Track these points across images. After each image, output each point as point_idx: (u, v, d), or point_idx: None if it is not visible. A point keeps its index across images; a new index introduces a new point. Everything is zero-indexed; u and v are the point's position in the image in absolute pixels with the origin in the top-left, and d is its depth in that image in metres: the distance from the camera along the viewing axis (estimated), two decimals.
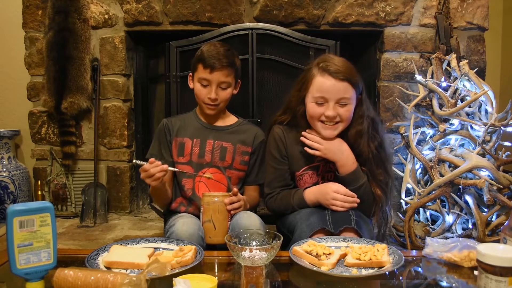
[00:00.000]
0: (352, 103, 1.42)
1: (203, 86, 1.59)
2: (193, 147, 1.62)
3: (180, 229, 1.36)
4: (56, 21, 2.22)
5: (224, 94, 1.59)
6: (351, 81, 1.39)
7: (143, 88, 2.52)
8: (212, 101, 1.58)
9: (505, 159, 1.82)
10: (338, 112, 1.40)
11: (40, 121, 2.37)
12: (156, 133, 1.70)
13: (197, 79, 1.60)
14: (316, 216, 1.37)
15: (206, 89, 1.58)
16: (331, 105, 1.39)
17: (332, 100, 1.39)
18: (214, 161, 1.62)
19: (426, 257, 1.18)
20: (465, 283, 1.07)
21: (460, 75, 1.99)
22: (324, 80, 1.39)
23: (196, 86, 1.61)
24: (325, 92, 1.39)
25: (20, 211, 0.91)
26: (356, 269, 1.08)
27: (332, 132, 1.43)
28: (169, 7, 2.25)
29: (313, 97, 1.42)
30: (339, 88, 1.38)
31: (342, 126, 1.43)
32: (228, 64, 1.56)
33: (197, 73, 1.60)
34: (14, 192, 2.42)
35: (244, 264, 1.11)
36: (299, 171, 1.54)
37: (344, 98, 1.39)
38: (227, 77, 1.58)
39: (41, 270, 0.94)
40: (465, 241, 1.14)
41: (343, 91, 1.38)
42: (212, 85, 1.57)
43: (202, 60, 1.57)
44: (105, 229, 2.16)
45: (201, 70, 1.57)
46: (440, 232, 1.85)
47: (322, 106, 1.41)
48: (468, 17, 2.24)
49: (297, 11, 2.22)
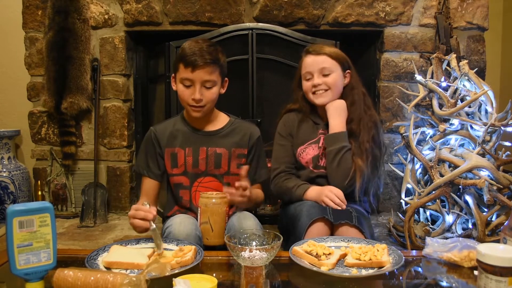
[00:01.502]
0: (336, 72, 1.59)
1: (186, 86, 1.46)
2: (186, 157, 1.53)
3: (177, 229, 1.33)
4: (56, 21, 2.23)
5: (209, 94, 1.47)
6: (331, 55, 1.60)
7: (143, 88, 2.52)
8: (197, 102, 1.45)
9: (505, 159, 1.82)
10: (323, 80, 1.58)
11: (40, 121, 2.37)
12: (143, 143, 1.59)
13: (179, 80, 1.48)
14: (317, 209, 1.44)
15: (190, 90, 1.46)
16: (315, 76, 1.59)
17: (316, 72, 1.59)
18: (209, 170, 1.53)
19: (426, 257, 1.18)
20: (465, 283, 1.07)
21: (460, 75, 1.99)
22: (307, 59, 1.62)
23: (179, 88, 1.49)
24: (308, 67, 1.61)
25: (20, 211, 0.91)
26: (356, 269, 1.08)
27: (323, 99, 1.60)
28: (169, 7, 2.25)
29: (303, 76, 1.63)
30: (318, 60, 1.59)
31: (331, 93, 1.59)
32: (211, 61, 1.43)
33: (179, 73, 1.48)
34: (14, 192, 2.42)
35: (244, 264, 1.11)
36: (303, 145, 1.63)
37: (325, 68, 1.58)
38: (211, 75, 1.45)
39: (41, 270, 0.94)
40: (465, 241, 1.14)
41: (322, 62, 1.59)
42: (195, 84, 1.45)
43: (183, 58, 1.44)
44: (105, 229, 2.16)
45: (183, 69, 1.45)
46: (440, 232, 1.85)
47: (310, 80, 1.61)
48: (468, 17, 2.24)
49: (297, 11, 2.22)
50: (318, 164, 1.60)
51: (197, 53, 1.43)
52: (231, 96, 1.65)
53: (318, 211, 1.41)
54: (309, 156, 1.61)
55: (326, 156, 1.56)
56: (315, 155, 1.60)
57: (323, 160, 1.59)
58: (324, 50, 1.60)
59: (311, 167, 1.60)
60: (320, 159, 1.60)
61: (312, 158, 1.60)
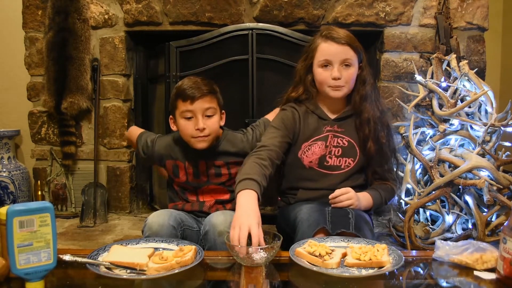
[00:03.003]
0: (355, 66, 1.52)
1: (187, 119, 1.48)
2: (187, 169, 1.57)
3: (150, 220, 1.40)
4: (56, 21, 2.23)
5: (211, 122, 1.48)
6: (352, 45, 1.51)
7: (143, 88, 2.52)
8: (201, 131, 1.46)
9: (505, 159, 1.82)
10: (342, 74, 1.50)
11: (40, 121, 2.37)
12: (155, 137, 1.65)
13: (179, 115, 1.49)
14: (317, 215, 1.37)
15: (192, 121, 1.47)
16: (336, 67, 1.50)
17: (336, 62, 1.50)
18: (210, 180, 1.58)
19: (436, 259, 1.16)
20: (476, 284, 1.06)
21: (460, 75, 1.99)
22: (327, 45, 1.51)
23: (181, 123, 1.49)
24: (329, 55, 1.50)
25: (20, 211, 0.91)
26: (356, 269, 1.08)
27: (338, 93, 1.52)
28: (169, 7, 2.25)
29: (319, 62, 1.52)
30: (341, 50, 1.49)
31: (346, 89, 1.53)
32: (208, 91, 1.48)
33: (178, 109, 1.49)
34: (14, 192, 2.42)
35: (244, 264, 1.11)
36: (308, 141, 1.56)
37: (347, 59, 1.50)
38: (211, 103, 1.48)
39: (41, 270, 0.94)
40: (477, 244, 1.13)
41: (345, 53, 1.50)
42: (197, 114, 1.46)
43: (181, 94, 1.47)
44: (105, 229, 2.16)
45: (182, 104, 1.47)
46: (440, 232, 1.84)
47: (328, 69, 1.51)
48: (468, 17, 2.24)
49: (297, 11, 2.23)
50: (325, 164, 1.55)
51: (193, 86, 1.47)
52: (231, 96, 1.65)
53: (318, 218, 1.35)
54: (315, 156, 1.55)
55: None
56: (322, 155, 1.55)
57: (332, 159, 1.56)
58: (346, 39, 1.50)
59: (316, 167, 1.56)
60: (329, 158, 1.55)
61: (319, 158, 1.55)
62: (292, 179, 1.61)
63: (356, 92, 1.55)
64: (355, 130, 1.57)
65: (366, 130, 1.54)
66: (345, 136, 1.57)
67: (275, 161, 1.46)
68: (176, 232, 1.40)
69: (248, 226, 1.14)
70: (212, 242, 1.38)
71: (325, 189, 1.53)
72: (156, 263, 1.06)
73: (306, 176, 1.57)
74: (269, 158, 1.42)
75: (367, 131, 1.54)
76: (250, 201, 1.23)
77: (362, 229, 1.34)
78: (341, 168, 1.56)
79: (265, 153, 1.43)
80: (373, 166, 1.59)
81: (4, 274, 0.98)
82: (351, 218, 1.36)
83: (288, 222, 1.49)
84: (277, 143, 1.50)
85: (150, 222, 1.40)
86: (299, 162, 1.57)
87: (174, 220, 1.42)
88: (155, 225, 1.37)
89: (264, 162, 1.40)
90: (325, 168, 1.56)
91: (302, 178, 1.58)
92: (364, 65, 1.57)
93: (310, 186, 1.57)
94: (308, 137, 1.57)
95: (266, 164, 1.39)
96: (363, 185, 1.60)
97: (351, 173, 1.57)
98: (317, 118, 1.58)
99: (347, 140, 1.57)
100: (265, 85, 2.25)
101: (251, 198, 1.24)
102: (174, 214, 1.45)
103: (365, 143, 1.55)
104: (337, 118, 1.58)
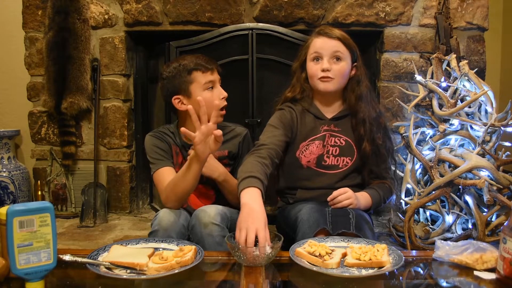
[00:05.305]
0: (346, 61, 1.53)
1: (210, 89, 1.54)
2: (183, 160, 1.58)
3: (161, 216, 1.37)
4: (56, 21, 2.23)
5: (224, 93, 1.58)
6: (344, 41, 1.53)
7: (143, 88, 2.52)
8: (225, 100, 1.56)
9: (505, 159, 1.82)
10: (332, 66, 1.51)
11: (40, 121, 2.37)
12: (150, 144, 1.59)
13: (200, 88, 1.51)
14: (317, 215, 1.37)
15: (215, 91, 1.54)
16: (325, 60, 1.51)
17: (326, 55, 1.51)
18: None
19: (436, 259, 1.16)
20: (476, 284, 1.06)
21: (460, 75, 1.99)
22: (319, 40, 1.54)
23: (205, 95, 1.49)
24: (319, 48, 1.52)
25: (20, 211, 0.91)
26: (356, 269, 1.08)
27: (327, 85, 1.52)
28: (169, 7, 2.25)
29: (310, 56, 1.55)
30: (332, 44, 1.52)
31: (337, 82, 1.53)
32: (216, 64, 1.58)
33: (197, 83, 1.51)
34: (14, 192, 2.42)
35: (244, 264, 1.11)
36: (305, 141, 1.56)
37: (337, 52, 1.51)
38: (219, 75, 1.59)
39: (41, 270, 0.94)
40: (477, 244, 1.13)
41: (336, 46, 1.52)
42: (216, 84, 1.55)
43: (199, 67, 1.51)
44: (105, 229, 2.16)
45: (202, 76, 1.51)
46: (440, 232, 1.85)
47: (319, 63, 1.53)
48: (468, 17, 2.24)
49: (297, 11, 2.23)
50: (323, 163, 1.56)
51: (206, 59, 1.54)
52: (231, 96, 1.65)
53: (319, 219, 1.34)
54: (313, 155, 1.56)
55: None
56: (320, 154, 1.56)
57: (329, 159, 1.56)
58: (337, 34, 1.53)
59: (314, 166, 1.56)
60: (327, 157, 1.56)
61: (317, 157, 1.56)
62: (290, 179, 1.61)
63: (351, 91, 1.56)
64: (351, 130, 1.58)
65: (362, 130, 1.55)
66: (342, 136, 1.58)
67: (275, 160, 1.45)
68: (186, 232, 1.38)
69: (256, 229, 1.12)
70: (199, 235, 1.36)
71: (323, 188, 1.54)
72: (156, 263, 1.06)
73: (304, 176, 1.57)
74: (269, 156, 1.41)
75: (362, 131, 1.54)
76: (255, 200, 1.20)
77: (363, 229, 1.34)
78: (339, 167, 1.57)
79: (265, 152, 1.42)
80: (369, 165, 1.59)
81: (4, 274, 0.98)
82: (351, 218, 1.36)
83: (288, 222, 1.49)
84: (277, 142, 1.49)
85: (161, 219, 1.37)
86: (297, 162, 1.57)
87: (185, 219, 1.40)
88: (165, 221, 1.35)
89: (265, 160, 1.38)
90: (323, 167, 1.56)
91: (300, 177, 1.58)
92: (359, 66, 1.58)
93: (309, 185, 1.57)
94: (306, 136, 1.57)
95: (267, 162, 1.38)
96: (361, 184, 1.60)
97: (348, 172, 1.57)
98: (313, 117, 1.58)
99: (344, 139, 1.58)
100: (265, 85, 2.25)
101: (256, 196, 1.22)
102: (185, 213, 1.44)
103: (361, 143, 1.55)
104: (333, 117, 1.59)
